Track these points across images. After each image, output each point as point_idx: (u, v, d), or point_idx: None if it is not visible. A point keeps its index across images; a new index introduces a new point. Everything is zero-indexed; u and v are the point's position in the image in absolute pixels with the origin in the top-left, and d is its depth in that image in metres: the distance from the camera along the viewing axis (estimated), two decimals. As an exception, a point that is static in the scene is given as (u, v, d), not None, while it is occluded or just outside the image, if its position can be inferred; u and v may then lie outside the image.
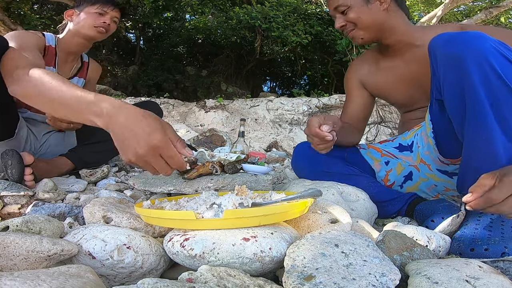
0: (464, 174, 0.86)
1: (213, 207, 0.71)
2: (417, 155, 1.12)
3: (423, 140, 1.07)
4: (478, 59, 0.74)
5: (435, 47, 0.85)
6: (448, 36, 0.82)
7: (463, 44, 0.77)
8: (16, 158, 1.03)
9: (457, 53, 0.78)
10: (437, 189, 1.12)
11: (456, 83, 0.80)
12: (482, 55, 0.74)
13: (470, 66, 0.75)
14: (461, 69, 0.77)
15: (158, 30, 8.71)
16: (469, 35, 0.78)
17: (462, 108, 0.80)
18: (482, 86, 0.74)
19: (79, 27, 1.42)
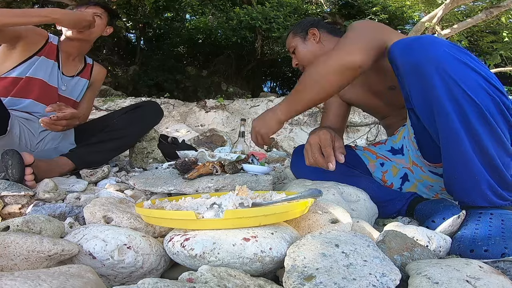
0: (449, 180, 0.86)
1: (213, 207, 0.71)
2: (408, 158, 1.13)
3: (410, 144, 1.08)
4: (437, 70, 0.75)
5: (394, 57, 0.86)
6: (403, 44, 0.83)
7: (420, 53, 0.78)
8: (16, 158, 1.03)
9: (416, 64, 0.79)
10: (434, 189, 1.12)
11: (422, 94, 0.81)
12: (439, 64, 0.75)
13: (430, 77, 0.76)
14: (423, 81, 0.78)
15: (159, 30, 8.72)
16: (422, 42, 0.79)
17: (433, 118, 0.81)
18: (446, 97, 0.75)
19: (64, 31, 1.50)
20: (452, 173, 0.83)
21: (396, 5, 6.76)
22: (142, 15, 6.95)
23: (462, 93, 0.74)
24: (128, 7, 6.46)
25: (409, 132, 1.03)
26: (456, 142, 0.77)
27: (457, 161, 0.80)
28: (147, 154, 1.66)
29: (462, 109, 0.74)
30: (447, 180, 0.87)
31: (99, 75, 1.72)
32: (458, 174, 0.81)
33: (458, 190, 0.84)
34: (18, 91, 1.40)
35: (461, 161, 0.78)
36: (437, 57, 0.75)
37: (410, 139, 1.04)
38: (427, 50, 0.77)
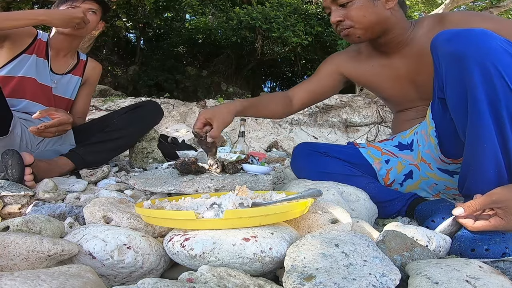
0: (465, 174, 0.85)
1: (213, 207, 0.71)
2: (417, 154, 1.11)
3: (423, 138, 1.06)
4: (480, 58, 0.73)
5: (437, 45, 0.84)
6: (450, 34, 0.81)
7: (466, 42, 0.76)
8: (16, 158, 1.03)
9: (459, 51, 0.77)
10: (438, 188, 1.12)
11: (458, 82, 0.80)
12: (485, 54, 0.73)
13: (472, 65, 0.74)
14: (462, 68, 0.77)
15: (159, 30, 8.72)
16: (472, 33, 0.77)
17: (464, 108, 0.80)
18: (482, 85, 0.74)
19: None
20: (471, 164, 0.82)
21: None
22: (142, 15, 6.95)
23: (504, 85, 0.72)
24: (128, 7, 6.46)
25: (428, 126, 1.00)
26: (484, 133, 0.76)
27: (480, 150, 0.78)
28: (147, 154, 1.66)
29: (498, 100, 0.73)
30: (464, 171, 0.86)
31: (93, 71, 1.65)
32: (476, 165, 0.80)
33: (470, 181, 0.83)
34: (13, 92, 1.39)
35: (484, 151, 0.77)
36: (486, 46, 0.73)
37: (426, 133, 1.03)
38: (476, 39, 0.75)
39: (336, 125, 4.79)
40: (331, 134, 4.66)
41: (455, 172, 1.03)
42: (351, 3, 1.02)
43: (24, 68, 1.40)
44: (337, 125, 4.80)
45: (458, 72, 0.79)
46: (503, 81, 0.72)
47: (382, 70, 1.18)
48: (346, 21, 1.04)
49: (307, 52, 7.18)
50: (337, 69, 1.27)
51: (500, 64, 0.72)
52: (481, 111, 0.75)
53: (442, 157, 1.00)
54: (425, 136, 1.04)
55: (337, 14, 1.04)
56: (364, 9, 1.02)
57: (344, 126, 4.83)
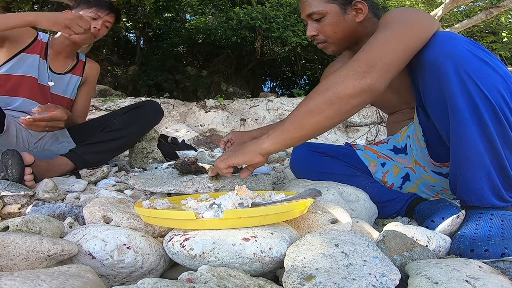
0: (454, 179, 0.86)
1: (213, 207, 0.71)
2: (411, 157, 1.12)
3: (415, 142, 1.07)
4: (453, 66, 0.74)
5: None
6: None
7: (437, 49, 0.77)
8: (16, 158, 1.03)
9: (432, 60, 0.77)
10: (435, 189, 1.12)
11: (435, 91, 0.80)
12: (456, 61, 0.74)
13: (448, 74, 0.75)
14: (438, 77, 0.78)
15: (159, 30, 8.72)
16: (441, 38, 0.77)
17: (445, 115, 0.81)
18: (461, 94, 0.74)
19: None
20: (459, 171, 0.82)
21: (396, 5, 6.76)
22: (142, 15, 6.95)
23: (477, 90, 0.73)
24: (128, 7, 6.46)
25: (416, 130, 1.01)
26: (467, 139, 0.77)
27: (466, 158, 0.79)
28: (147, 154, 1.66)
29: (476, 106, 0.74)
30: (453, 177, 0.86)
31: (92, 71, 1.68)
32: (464, 172, 0.81)
33: (461, 188, 0.84)
34: (10, 90, 1.40)
35: (470, 158, 0.78)
36: (455, 52, 0.74)
37: (417, 137, 1.03)
38: (445, 45, 0.76)
39: (336, 125, 4.78)
40: (331, 134, 4.66)
41: (448, 174, 1.04)
42: (324, 19, 1.03)
43: (23, 66, 1.41)
44: (337, 125, 4.80)
45: (434, 81, 0.79)
46: (476, 86, 0.73)
47: None
48: (320, 35, 1.06)
49: (306, 52, 7.18)
50: None
51: (470, 69, 0.73)
52: (463, 118, 0.76)
53: (433, 162, 1.00)
54: (417, 140, 1.05)
55: (312, 28, 1.06)
56: (334, 25, 1.03)
57: (344, 126, 4.83)
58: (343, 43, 1.08)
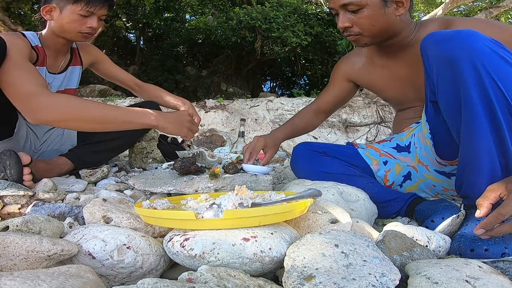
0: (461, 175, 0.86)
1: (213, 207, 0.71)
2: (415, 156, 1.12)
3: (420, 140, 1.07)
4: (471, 60, 0.74)
5: (426, 47, 0.84)
6: (439, 36, 0.81)
7: (456, 44, 0.76)
8: (14, 158, 1.03)
9: (450, 54, 0.77)
10: (436, 189, 1.12)
11: (450, 85, 0.80)
12: (475, 56, 0.73)
13: (464, 67, 0.75)
14: (454, 71, 0.77)
15: (158, 30, 8.72)
16: (461, 34, 0.77)
17: (457, 110, 0.80)
18: (476, 88, 0.74)
19: (61, 30, 1.27)
20: (467, 166, 0.82)
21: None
22: (142, 15, 6.94)
23: (494, 86, 0.73)
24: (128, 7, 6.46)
25: (423, 128, 1.01)
26: (478, 134, 0.76)
27: (475, 153, 0.78)
28: (147, 154, 1.66)
29: (490, 102, 0.73)
30: (459, 173, 0.86)
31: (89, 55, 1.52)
32: (472, 167, 0.80)
33: (467, 184, 0.83)
34: None
35: (479, 153, 0.77)
36: (475, 48, 0.73)
37: (422, 136, 1.03)
38: (465, 41, 0.75)
39: (336, 125, 4.79)
40: (331, 134, 4.66)
41: (451, 174, 1.03)
42: (362, 10, 0.99)
43: None
44: (337, 125, 4.80)
45: (450, 75, 0.79)
46: (493, 82, 0.73)
47: (383, 71, 1.20)
48: (355, 27, 1.02)
49: (306, 52, 7.18)
50: (346, 77, 1.32)
51: (489, 65, 0.73)
52: (476, 113, 0.75)
53: (438, 159, 1.00)
54: (422, 139, 1.04)
55: (345, 19, 1.01)
56: (373, 18, 0.99)
57: (344, 126, 4.83)
58: (378, 37, 1.05)
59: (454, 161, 0.97)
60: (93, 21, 1.25)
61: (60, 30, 1.27)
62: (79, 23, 1.24)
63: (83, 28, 1.25)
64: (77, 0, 1.21)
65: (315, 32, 6.20)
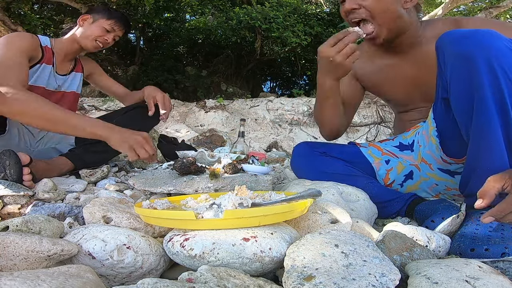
0: (468, 174, 0.85)
1: (213, 207, 0.71)
2: (418, 154, 1.11)
3: (424, 139, 1.06)
4: (488, 59, 0.74)
5: (443, 45, 0.84)
6: (457, 34, 0.81)
7: (474, 42, 0.76)
8: (13, 158, 1.03)
9: (467, 52, 0.77)
10: (438, 188, 1.12)
11: (464, 82, 0.80)
12: (492, 54, 0.73)
13: (480, 65, 0.75)
14: (470, 68, 0.77)
15: (158, 30, 8.71)
16: (479, 33, 0.77)
17: (469, 108, 0.80)
18: (491, 88, 0.74)
19: (82, 36, 1.48)
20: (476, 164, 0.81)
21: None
22: (142, 15, 6.94)
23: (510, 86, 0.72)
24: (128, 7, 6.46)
25: (429, 126, 1.01)
26: (490, 132, 0.76)
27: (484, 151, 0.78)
28: (147, 154, 1.66)
29: (504, 102, 0.73)
30: (467, 171, 0.85)
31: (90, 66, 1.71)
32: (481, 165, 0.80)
33: (474, 182, 0.82)
34: None
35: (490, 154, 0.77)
36: (493, 47, 0.74)
37: (427, 134, 1.03)
38: (483, 39, 0.75)
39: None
40: (330, 134, 4.65)
41: (456, 172, 1.03)
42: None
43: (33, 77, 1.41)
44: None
45: (465, 72, 0.79)
46: (509, 82, 0.73)
47: (388, 71, 1.17)
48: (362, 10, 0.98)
49: (306, 52, 7.18)
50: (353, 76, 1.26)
51: (506, 64, 0.73)
52: (488, 111, 0.75)
53: (444, 157, 1.00)
54: (426, 137, 1.04)
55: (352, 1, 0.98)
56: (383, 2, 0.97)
57: (344, 126, 4.82)
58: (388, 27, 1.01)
59: (460, 160, 0.97)
60: (110, 36, 1.50)
61: (82, 36, 1.49)
62: (100, 33, 1.48)
63: (100, 38, 1.48)
64: (110, 17, 1.48)
65: (315, 32, 6.20)
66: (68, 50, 1.52)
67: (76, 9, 5.29)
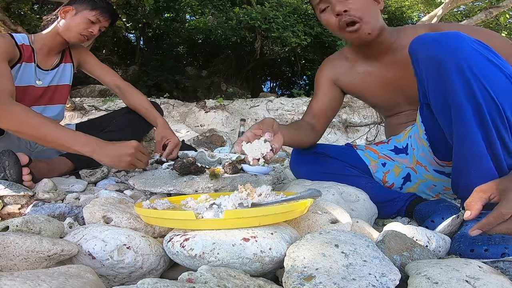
0: (456, 177, 0.86)
1: (213, 207, 0.71)
2: (412, 157, 1.12)
3: (416, 142, 1.06)
4: (457, 62, 0.74)
5: (415, 49, 0.84)
6: (426, 38, 0.81)
7: (442, 46, 0.77)
8: (13, 159, 1.03)
9: (436, 56, 0.77)
10: (437, 189, 1.12)
11: (438, 88, 0.80)
12: (461, 58, 0.73)
13: (450, 70, 0.75)
14: (442, 74, 0.77)
15: (158, 30, 8.72)
16: (446, 36, 0.77)
17: (448, 113, 0.80)
18: (463, 92, 0.74)
19: (65, 29, 1.38)
20: (461, 168, 0.82)
21: (396, 5, 6.78)
22: (142, 15, 6.94)
23: (482, 89, 0.72)
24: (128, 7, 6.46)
25: (419, 129, 1.01)
26: (469, 137, 0.76)
27: (468, 156, 0.78)
28: (147, 154, 1.66)
29: (478, 104, 0.73)
30: (455, 175, 0.86)
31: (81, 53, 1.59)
32: (467, 169, 0.80)
33: (463, 186, 0.83)
34: None
35: (472, 156, 0.77)
36: (462, 51, 0.74)
37: (419, 137, 1.03)
38: (451, 43, 0.75)
39: (336, 125, 4.79)
40: (330, 135, 4.66)
41: (450, 173, 1.03)
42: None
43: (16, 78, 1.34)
44: (337, 125, 4.80)
45: (438, 77, 0.79)
46: (480, 84, 0.72)
47: (369, 77, 1.17)
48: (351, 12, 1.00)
49: (306, 52, 7.19)
50: (333, 81, 1.25)
51: (476, 66, 0.72)
52: (465, 117, 0.75)
53: (436, 160, 1.00)
54: (418, 140, 1.04)
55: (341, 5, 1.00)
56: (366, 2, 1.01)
57: (344, 126, 4.83)
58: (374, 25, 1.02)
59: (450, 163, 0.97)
60: (95, 28, 1.40)
61: (64, 29, 1.39)
62: (84, 26, 1.38)
63: (84, 31, 1.38)
64: (94, 7, 1.37)
65: (315, 33, 6.20)
66: (51, 45, 1.43)
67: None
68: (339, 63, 1.24)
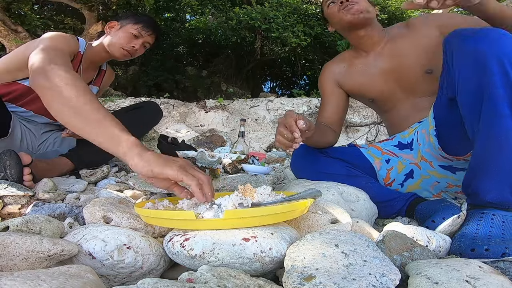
0: (473, 172, 0.84)
1: (213, 207, 0.71)
2: (417, 153, 1.12)
3: (424, 137, 1.07)
4: (499, 58, 0.74)
5: (452, 42, 0.85)
6: (468, 32, 0.82)
7: (485, 41, 0.78)
8: (14, 159, 1.03)
9: (478, 50, 0.78)
10: (440, 186, 1.12)
11: (473, 80, 0.80)
12: (502, 53, 0.74)
13: (492, 65, 0.75)
14: (481, 67, 0.77)
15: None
16: (491, 32, 0.78)
17: (478, 105, 0.80)
18: (503, 86, 0.74)
19: (110, 43, 1.42)
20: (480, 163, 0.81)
21: (396, 5, 6.77)
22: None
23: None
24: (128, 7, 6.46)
25: (429, 125, 1.02)
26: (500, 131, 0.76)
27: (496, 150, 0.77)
28: (147, 154, 1.66)
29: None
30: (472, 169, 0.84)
31: (108, 80, 1.65)
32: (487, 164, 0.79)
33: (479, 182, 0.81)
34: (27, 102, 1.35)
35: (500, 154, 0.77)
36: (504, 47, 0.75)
37: (427, 133, 1.03)
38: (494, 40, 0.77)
39: (336, 125, 4.77)
40: (331, 134, 4.65)
41: (457, 168, 1.03)
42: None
43: None
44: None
45: (475, 70, 0.79)
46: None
47: (366, 70, 1.24)
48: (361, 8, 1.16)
49: (306, 52, 7.18)
50: (335, 82, 1.33)
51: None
52: (500, 110, 0.75)
53: (444, 155, 1.00)
54: (426, 135, 1.05)
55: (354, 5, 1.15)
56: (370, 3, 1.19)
57: (344, 126, 4.83)
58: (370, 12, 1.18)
59: (461, 157, 0.97)
60: (137, 42, 1.41)
61: (109, 43, 1.42)
62: (127, 40, 1.40)
63: (127, 45, 1.40)
64: (137, 22, 1.40)
65: (315, 33, 6.20)
66: (95, 58, 1.46)
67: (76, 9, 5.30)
68: (337, 65, 1.33)
